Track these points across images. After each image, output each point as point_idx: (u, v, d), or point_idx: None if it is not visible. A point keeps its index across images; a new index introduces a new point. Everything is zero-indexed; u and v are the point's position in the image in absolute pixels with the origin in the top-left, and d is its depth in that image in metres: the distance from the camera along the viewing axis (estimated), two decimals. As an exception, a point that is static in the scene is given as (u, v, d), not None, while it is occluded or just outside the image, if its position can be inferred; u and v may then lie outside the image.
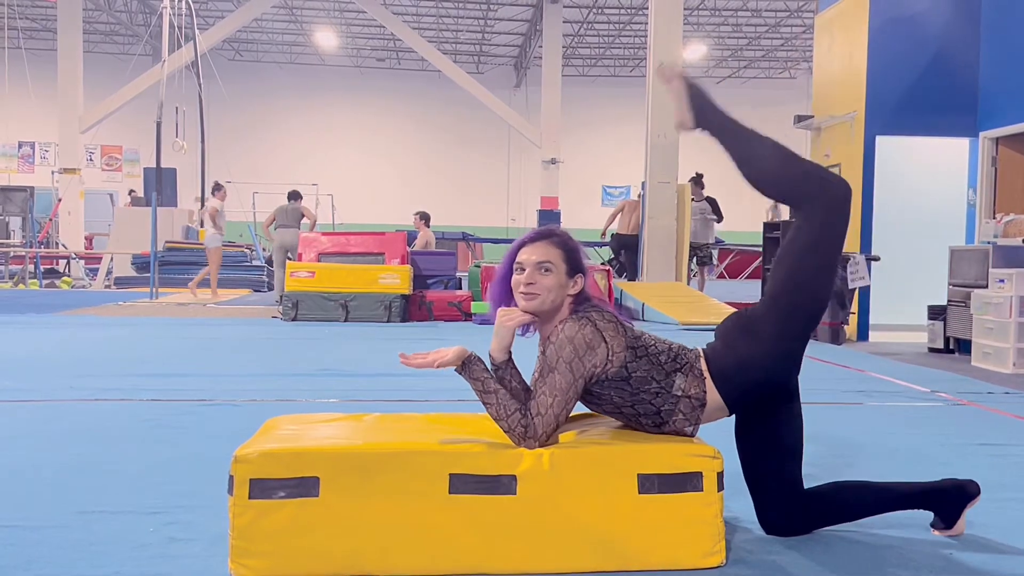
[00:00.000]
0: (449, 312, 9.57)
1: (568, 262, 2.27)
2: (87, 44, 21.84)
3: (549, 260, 2.25)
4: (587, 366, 2.19)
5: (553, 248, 2.27)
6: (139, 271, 14.98)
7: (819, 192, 2.29)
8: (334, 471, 2.08)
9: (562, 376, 2.17)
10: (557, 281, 2.25)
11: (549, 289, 2.24)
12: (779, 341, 2.26)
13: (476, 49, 28.42)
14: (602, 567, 2.12)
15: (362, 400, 4.45)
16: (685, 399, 2.24)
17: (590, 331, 2.19)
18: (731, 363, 2.26)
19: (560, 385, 2.16)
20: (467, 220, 26.91)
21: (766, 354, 2.26)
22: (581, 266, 2.30)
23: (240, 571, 2.05)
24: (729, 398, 2.26)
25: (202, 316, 9.69)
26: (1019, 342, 6.18)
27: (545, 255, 2.25)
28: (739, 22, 25.41)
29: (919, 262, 8.72)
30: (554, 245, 2.28)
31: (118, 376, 5.17)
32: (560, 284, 2.26)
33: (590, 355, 2.19)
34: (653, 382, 2.23)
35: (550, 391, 2.16)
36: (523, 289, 2.25)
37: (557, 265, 2.25)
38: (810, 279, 2.26)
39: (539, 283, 2.24)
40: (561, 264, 2.26)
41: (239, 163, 26.22)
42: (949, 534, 2.42)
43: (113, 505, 2.61)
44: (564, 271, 2.26)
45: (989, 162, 8.35)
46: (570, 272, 2.27)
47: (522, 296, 2.25)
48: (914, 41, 8.33)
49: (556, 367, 2.17)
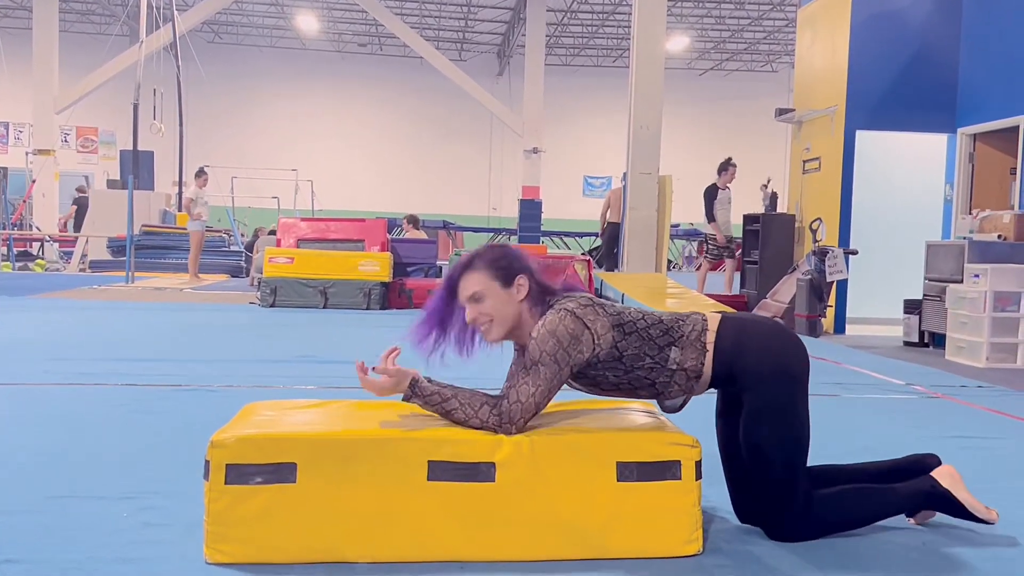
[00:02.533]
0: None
1: (497, 277, 2.25)
2: (63, 23, 21.50)
3: (475, 288, 2.24)
4: (573, 356, 2.18)
5: (474, 274, 2.25)
6: (115, 255, 14.81)
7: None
8: (311, 457, 2.07)
9: (547, 368, 2.16)
10: (496, 301, 2.24)
11: (492, 312, 2.23)
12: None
13: (459, 36, 28.28)
14: (580, 555, 2.13)
15: (340, 387, 4.42)
16: (680, 371, 2.25)
17: (571, 321, 2.18)
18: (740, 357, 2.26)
19: (545, 375, 2.16)
20: (448, 208, 26.85)
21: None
22: (515, 269, 2.26)
23: (215, 557, 2.04)
24: (719, 377, 2.27)
25: (178, 301, 9.60)
26: (992, 337, 6.26)
27: (470, 286, 2.24)
28: (722, 14, 25.47)
29: (896, 256, 8.81)
30: (474, 270, 2.26)
31: (93, 361, 5.11)
32: (502, 301, 2.24)
33: (575, 345, 2.18)
34: (647, 358, 2.23)
35: (533, 382, 2.16)
36: (474, 326, 2.27)
37: (486, 286, 2.24)
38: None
39: (480, 313, 2.24)
40: (490, 283, 2.24)
41: (218, 147, 26.00)
42: (929, 520, 2.44)
43: (87, 490, 2.58)
44: (498, 287, 2.24)
45: (966, 158, 8.43)
46: (505, 283, 2.25)
47: (480, 331, 2.27)
48: (895, 37, 8.39)
49: (540, 360, 2.16)
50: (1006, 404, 4.62)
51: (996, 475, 3.10)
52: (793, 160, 9.70)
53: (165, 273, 14.00)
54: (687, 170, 21.91)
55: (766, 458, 2.26)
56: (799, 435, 2.28)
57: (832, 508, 2.31)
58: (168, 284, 11.89)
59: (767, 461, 2.26)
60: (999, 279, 6.33)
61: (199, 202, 12.26)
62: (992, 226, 7.21)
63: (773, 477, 2.26)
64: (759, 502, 2.32)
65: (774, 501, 2.27)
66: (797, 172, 9.49)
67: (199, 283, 12.29)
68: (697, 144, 28.23)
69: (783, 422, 2.26)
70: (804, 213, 9.21)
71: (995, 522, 2.38)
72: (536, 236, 18.69)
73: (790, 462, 2.26)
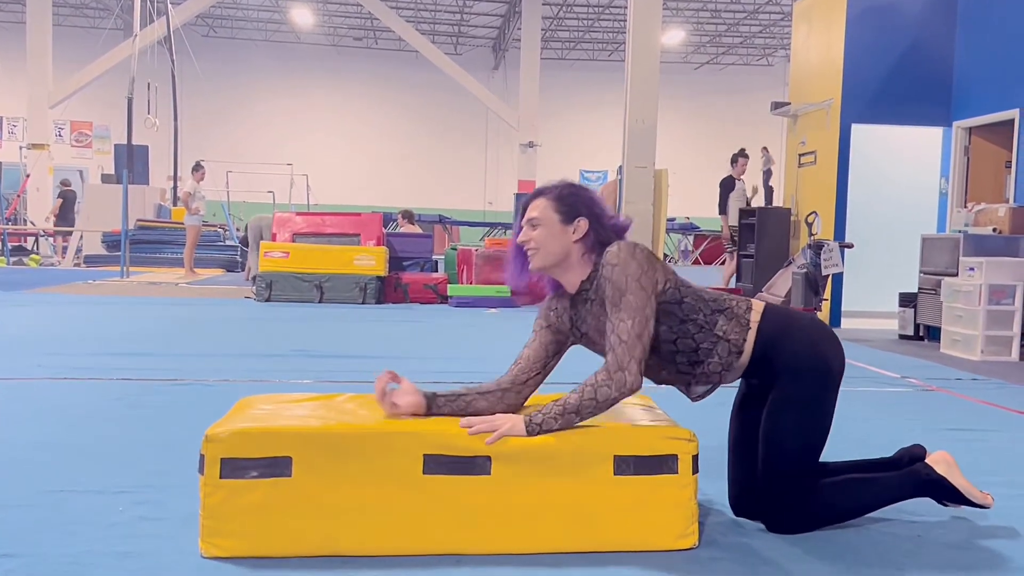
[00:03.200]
0: (425, 294, 9.54)
1: (560, 211, 2.25)
2: (57, 17, 21.40)
3: (536, 216, 2.26)
4: (653, 280, 2.17)
5: (542, 201, 2.27)
6: (109, 249, 14.77)
7: None
8: (307, 451, 2.06)
9: (635, 295, 2.13)
10: (548, 232, 2.25)
11: (541, 242, 2.25)
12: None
13: (454, 30, 28.22)
14: (576, 548, 2.13)
15: (336, 381, 4.42)
16: (724, 342, 2.23)
17: (642, 249, 2.19)
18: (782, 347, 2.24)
19: (636, 304, 2.13)
20: (444, 203, 26.84)
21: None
22: (579, 209, 2.25)
23: (210, 550, 2.03)
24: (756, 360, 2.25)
25: (174, 296, 9.58)
26: (987, 330, 6.28)
27: (533, 211, 2.28)
28: (718, 8, 25.45)
29: (891, 250, 8.83)
30: (544, 198, 2.28)
31: (88, 355, 5.10)
32: (553, 234, 2.25)
33: (651, 269, 2.17)
34: (700, 313, 2.23)
35: (628, 314, 2.12)
36: (523, 248, 2.28)
37: (546, 217, 2.25)
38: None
39: (531, 239, 2.26)
40: (551, 215, 2.25)
41: (212, 141, 25.93)
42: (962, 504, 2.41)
43: (82, 484, 2.58)
44: (556, 221, 2.25)
45: (961, 151, 8.44)
46: (565, 219, 2.25)
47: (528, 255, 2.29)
48: (891, 31, 8.39)
49: (626, 288, 2.13)
50: (1001, 397, 4.63)
51: (991, 467, 3.10)
52: (789, 154, 9.70)
53: (160, 268, 13.97)
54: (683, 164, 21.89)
55: (781, 449, 2.24)
56: (820, 432, 2.27)
57: (831, 498, 2.31)
58: (163, 279, 11.86)
59: (782, 452, 2.24)
60: (994, 272, 6.34)
61: (196, 197, 12.22)
62: (987, 219, 7.22)
63: (784, 469, 2.25)
64: (763, 493, 2.30)
65: (779, 494, 2.27)
66: (793, 166, 9.49)
67: (194, 277, 12.27)
68: (693, 138, 28.25)
69: (809, 415, 2.24)
70: (800, 207, 9.22)
71: (990, 506, 2.39)
72: (532, 230, 18.63)
73: (804, 457, 2.25)
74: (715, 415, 2.78)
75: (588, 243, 2.26)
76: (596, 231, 2.26)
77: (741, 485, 2.39)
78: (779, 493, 2.27)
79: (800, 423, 2.24)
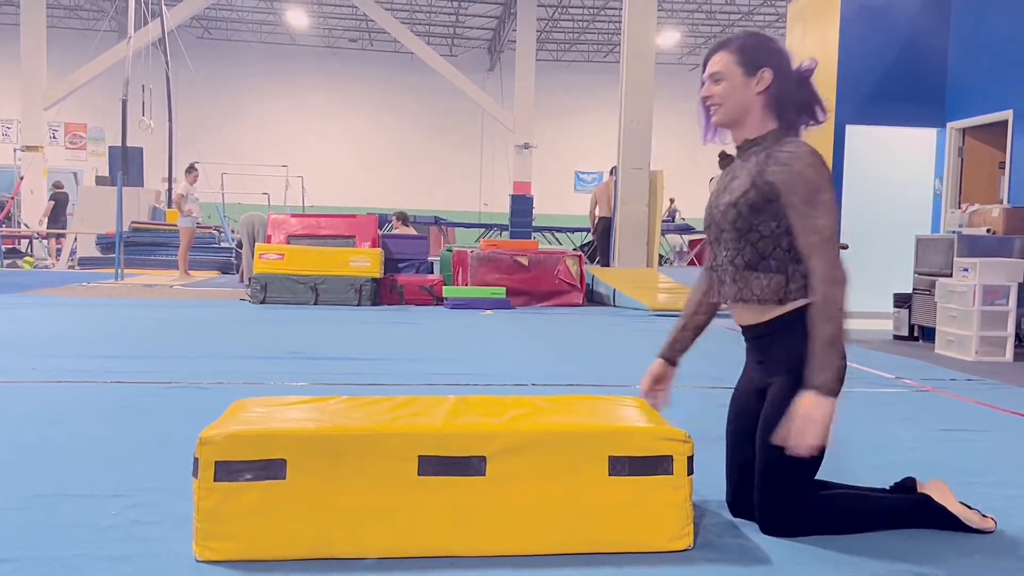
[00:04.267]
0: (420, 296, 9.54)
1: (743, 63, 2.24)
2: (51, 19, 21.36)
3: (717, 70, 2.27)
4: (831, 190, 2.19)
5: (724, 54, 2.27)
6: (104, 252, 14.74)
7: None
8: (301, 453, 2.06)
9: (829, 195, 2.16)
10: (731, 86, 2.25)
11: (724, 96, 2.26)
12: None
13: (449, 32, 28.22)
14: (571, 549, 2.12)
15: (331, 383, 4.41)
16: (781, 277, 2.22)
17: (822, 158, 2.19)
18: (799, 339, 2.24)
19: (830, 202, 2.16)
20: (440, 204, 26.82)
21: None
22: (763, 60, 2.24)
23: (205, 554, 2.03)
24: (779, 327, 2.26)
25: (168, 298, 9.56)
26: (982, 330, 6.29)
27: (714, 65, 2.28)
28: (713, 9, 25.49)
29: (886, 250, 8.84)
30: (725, 51, 2.28)
31: (82, 357, 5.09)
32: (735, 87, 2.25)
33: (829, 183, 2.18)
34: (792, 239, 2.21)
35: (826, 212, 2.14)
36: (706, 104, 2.30)
37: (728, 70, 2.25)
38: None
39: (714, 94, 2.27)
40: (734, 68, 2.25)
41: (207, 143, 25.87)
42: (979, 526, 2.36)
43: (75, 488, 2.57)
44: (739, 73, 2.24)
45: (956, 152, 8.47)
46: (748, 71, 2.24)
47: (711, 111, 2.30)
48: (885, 32, 8.42)
49: (822, 187, 2.14)
50: (995, 397, 4.64)
51: (985, 468, 3.11)
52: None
53: (155, 270, 13.95)
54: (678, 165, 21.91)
55: (783, 452, 2.17)
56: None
57: (828, 507, 2.29)
58: (158, 281, 11.84)
59: (783, 455, 2.17)
60: (988, 273, 6.36)
61: (190, 198, 12.20)
62: (981, 220, 7.23)
63: (784, 472, 2.21)
64: (760, 493, 2.27)
65: (777, 495, 2.24)
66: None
67: (189, 279, 12.25)
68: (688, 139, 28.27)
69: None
70: (795, 208, 9.22)
71: (993, 530, 2.36)
72: (528, 232, 18.67)
73: (805, 461, 2.19)
74: (712, 416, 2.78)
75: (771, 95, 2.25)
76: (780, 82, 2.24)
77: (738, 483, 2.37)
78: (777, 493, 2.24)
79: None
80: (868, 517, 2.33)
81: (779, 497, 2.25)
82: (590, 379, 4.69)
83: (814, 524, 2.28)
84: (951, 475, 2.90)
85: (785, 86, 2.26)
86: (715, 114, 2.29)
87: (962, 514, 2.35)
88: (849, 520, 2.32)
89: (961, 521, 2.34)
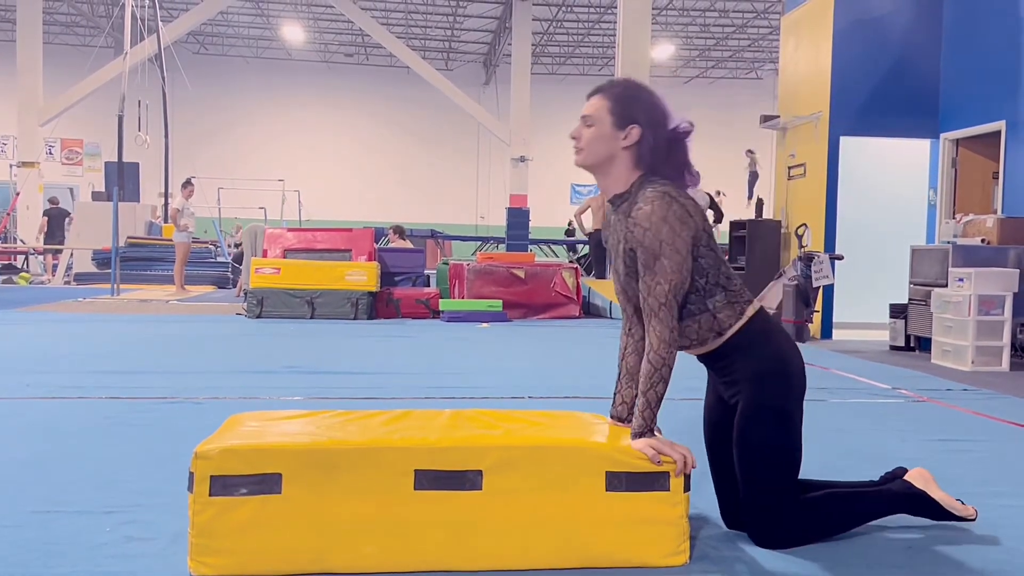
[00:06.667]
0: (417, 310, 9.53)
1: (614, 113, 2.19)
2: (47, 35, 21.42)
3: (589, 114, 2.23)
4: (687, 241, 2.12)
5: (600, 99, 2.23)
6: (100, 267, 14.72)
7: None
8: (297, 467, 2.05)
9: (669, 260, 2.10)
10: (599, 133, 2.20)
11: (589, 142, 2.22)
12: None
13: (445, 46, 28.34)
14: (567, 564, 2.12)
15: (327, 398, 4.40)
16: (709, 315, 2.19)
17: (678, 207, 2.12)
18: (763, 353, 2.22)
19: (671, 267, 2.10)
20: (436, 217, 26.85)
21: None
22: (636, 116, 2.18)
23: (200, 569, 2.02)
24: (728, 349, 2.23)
25: (164, 313, 9.54)
26: (977, 340, 6.30)
27: (588, 108, 2.24)
28: (707, 22, 25.63)
29: (881, 261, 8.86)
30: (602, 96, 2.24)
31: (77, 373, 5.07)
32: (602, 136, 2.20)
33: (684, 228, 2.11)
34: (705, 278, 2.18)
35: (664, 278, 2.10)
36: (574, 142, 2.26)
37: (599, 116, 2.21)
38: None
39: (580, 137, 2.23)
40: (605, 115, 2.20)
41: (204, 158, 25.91)
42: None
43: (69, 504, 2.55)
44: (609, 122, 2.19)
45: (949, 163, 8.50)
46: (619, 123, 2.19)
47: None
48: (878, 43, 8.46)
49: (660, 252, 2.10)
50: (992, 407, 4.64)
51: (982, 478, 3.11)
52: (778, 166, 9.75)
53: (151, 285, 13.92)
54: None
55: (759, 461, 2.22)
56: (794, 443, 2.24)
57: (817, 514, 2.30)
58: (154, 296, 11.82)
59: (761, 464, 2.22)
60: (983, 283, 6.37)
61: (185, 213, 12.20)
62: (975, 230, 7.26)
63: (764, 482, 2.23)
64: (747, 507, 2.29)
65: (763, 508, 2.25)
66: (782, 178, 9.53)
67: (185, 295, 12.23)
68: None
69: (780, 425, 2.21)
70: (790, 219, 9.25)
71: (973, 518, 2.38)
72: (524, 244, 18.68)
73: (783, 469, 2.23)
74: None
75: (638, 152, 2.20)
76: (649, 141, 2.18)
77: (727, 496, 2.38)
78: (763, 507, 2.25)
79: (773, 433, 2.22)
80: (854, 515, 2.35)
81: (765, 512, 2.26)
82: (587, 392, 4.68)
83: (804, 532, 2.29)
84: (948, 486, 2.89)
85: (655, 145, 2.19)
86: (576, 155, 2.24)
87: (944, 501, 2.37)
88: (837, 523, 2.34)
89: (943, 508, 2.36)
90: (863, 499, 2.36)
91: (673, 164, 2.22)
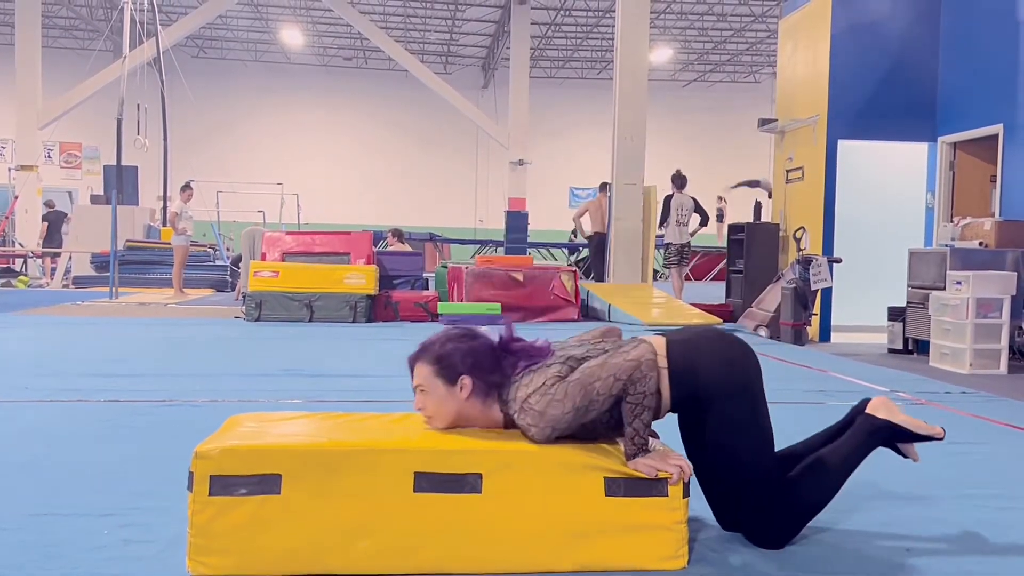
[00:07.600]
0: (415, 312, 9.53)
1: (441, 374, 2.22)
2: (46, 38, 21.41)
3: (420, 382, 2.25)
4: (565, 419, 2.14)
5: (422, 366, 2.25)
6: (98, 270, 14.70)
7: None
8: (296, 468, 2.05)
9: (544, 424, 2.14)
10: (437, 397, 2.23)
11: (435, 408, 2.24)
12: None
13: (444, 49, 28.36)
14: (566, 568, 2.12)
15: (326, 400, 4.41)
16: (627, 427, 2.18)
17: (539, 396, 2.14)
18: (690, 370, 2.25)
19: (562, 420, 2.13)
20: (435, 221, 26.84)
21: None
22: (460, 368, 2.20)
23: (198, 569, 2.02)
24: (678, 398, 2.26)
25: (163, 316, 9.54)
26: (975, 343, 6.31)
27: (416, 377, 2.26)
28: (705, 26, 25.66)
29: (879, 264, 8.87)
30: (423, 362, 2.25)
31: (75, 376, 5.07)
32: (442, 398, 2.22)
33: (562, 413, 2.13)
34: (608, 414, 2.19)
35: (546, 428, 2.14)
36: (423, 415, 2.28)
37: (429, 382, 2.23)
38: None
39: (425, 407, 2.26)
40: (434, 380, 2.23)
41: (202, 161, 25.90)
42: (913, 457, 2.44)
43: (67, 507, 2.55)
44: (440, 384, 2.22)
45: (947, 166, 8.52)
46: (449, 381, 2.21)
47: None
48: (875, 47, 8.48)
49: (550, 423, 2.12)
50: (990, 409, 4.65)
51: (981, 481, 3.11)
52: (776, 170, 9.76)
53: (149, 288, 13.91)
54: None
55: (737, 470, 2.27)
56: (764, 440, 2.29)
57: (800, 496, 2.32)
58: (152, 299, 11.81)
59: (739, 472, 2.27)
60: (981, 286, 6.39)
61: (184, 216, 12.20)
62: (973, 233, 7.27)
63: (748, 485, 2.27)
64: (739, 511, 2.33)
65: (753, 509, 2.28)
66: (780, 182, 9.55)
67: (184, 298, 12.22)
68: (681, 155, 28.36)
69: (747, 433, 2.26)
70: (788, 222, 9.27)
71: (941, 437, 2.39)
72: (523, 247, 18.70)
73: (761, 466, 2.28)
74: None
75: (481, 394, 2.22)
76: (481, 380, 2.21)
77: (716, 502, 2.41)
78: (754, 506, 2.29)
79: (743, 442, 2.26)
80: (831, 478, 2.35)
81: (758, 513, 2.29)
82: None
83: (798, 519, 2.32)
84: (947, 488, 2.90)
85: (488, 380, 2.21)
86: (430, 423, 2.25)
87: (908, 423, 2.39)
88: (818, 499, 2.35)
89: (910, 431, 2.38)
90: (835, 455, 2.37)
91: (514, 363, 2.22)
